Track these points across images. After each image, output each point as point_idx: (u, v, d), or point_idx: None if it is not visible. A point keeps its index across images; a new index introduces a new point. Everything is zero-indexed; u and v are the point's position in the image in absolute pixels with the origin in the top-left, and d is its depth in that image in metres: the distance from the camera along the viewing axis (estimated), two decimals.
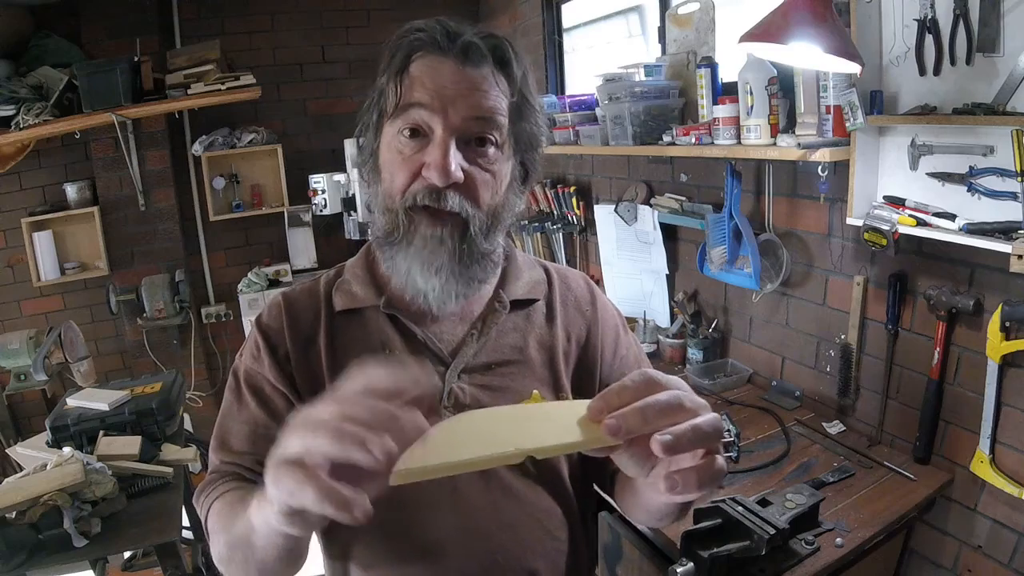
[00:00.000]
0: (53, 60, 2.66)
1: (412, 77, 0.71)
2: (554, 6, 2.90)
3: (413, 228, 0.73)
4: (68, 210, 2.83)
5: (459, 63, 0.70)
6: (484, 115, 0.71)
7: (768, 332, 1.95)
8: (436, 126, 0.70)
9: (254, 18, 3.10)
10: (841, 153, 1.45)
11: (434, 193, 0.71)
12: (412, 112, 0.70)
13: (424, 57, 0.71)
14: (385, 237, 0.77)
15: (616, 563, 1.48)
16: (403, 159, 0.72)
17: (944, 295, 1.39)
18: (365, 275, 0.85)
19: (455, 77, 0.70)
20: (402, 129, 0.71)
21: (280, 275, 3.06)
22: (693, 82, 1.93)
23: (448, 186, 0.70)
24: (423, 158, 0.71)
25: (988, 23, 1.20)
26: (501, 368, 0.82)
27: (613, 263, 2.50)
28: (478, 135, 0.72)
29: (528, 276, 0.88)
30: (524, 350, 0.84)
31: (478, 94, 0.71)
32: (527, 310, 0.86)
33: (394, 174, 0.73)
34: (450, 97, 0.70)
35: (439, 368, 0.80)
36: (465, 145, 0.71)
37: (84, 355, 2.57)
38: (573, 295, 0.91)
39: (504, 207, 0.78)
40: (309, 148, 3.24)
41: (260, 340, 0.82)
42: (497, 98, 0.72)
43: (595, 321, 0.90)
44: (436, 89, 0.70)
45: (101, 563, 1.94)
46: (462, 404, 0.78)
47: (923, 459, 1.49)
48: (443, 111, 0.69)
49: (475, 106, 0.70)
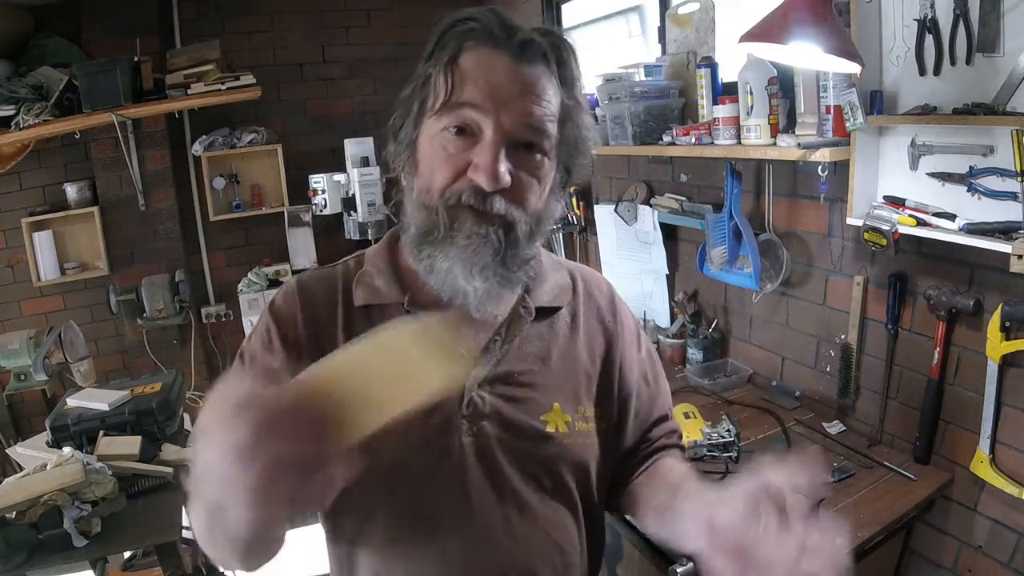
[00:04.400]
0: (53, 60, 2.66)
1: (463, 71, 0.68)
2: (554, 6, 2.90)
3: (456, 227, 0.70)
4: (68, 210, 2.83)
5: (514, 59, 0.68)
6: (535, 124, 0.69)
7: (768, 332, 1.95)
8: (487, 128, 0.67)
9: (254, 18, 3.09)
10: (841, 153, 1.45)
11: (480, 195, 0.69)
12: (463, 111, 0.68)
13: (476, 49, 0.68)
14: (423, 236, 0.73)
15: (616, 563, 1.48)
16: (447, 155, 0.70)
17: (944, 295, 1.39)
18: (388, 268, 0.81)
19: (509, 76, 0.67)
20: (449, 126, 0.69)
21: (280, 275, 3.05)
22: (693, 82, 1.93)
23: (495, 189, 0.68)
24: (469, 157, 0.68)
25: (988, 23, 1.20)
26: (523, 378, 0.79)
27: (613, 263, 2.50)
28: (528, 140, 0.70)
29: (553, 280, 0.86)
30: (547, 360, 0.81)
31: (531, 98, 0.68)
32: (551, 318, 0.84)
33: (435, 170, 0.70)
34: (503, 99, 0.67)
35: None
36: (513, 148, 0.69)
37: (84, 355, 2.57)
38: (595, 304, 0.89)
39: (546, 212, 0.75)
40: (309, 148, 3.24)
41: (272, 327, 0.78)
42: (549, 103, 0.70)
43: (616, 334, 0.88)
44: (489, 88, 0.67)
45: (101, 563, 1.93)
46: (481, 413, 0.76)
47: (923, 459, 1.49)
48: (495, 113, 0.67)
49: (528, 112, 0.68)
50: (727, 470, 1.49)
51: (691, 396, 1.91)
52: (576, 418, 0.81)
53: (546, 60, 0.69)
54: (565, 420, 0.80)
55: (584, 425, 0.82)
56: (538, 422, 0.79)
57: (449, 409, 0.76)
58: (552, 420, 0.79)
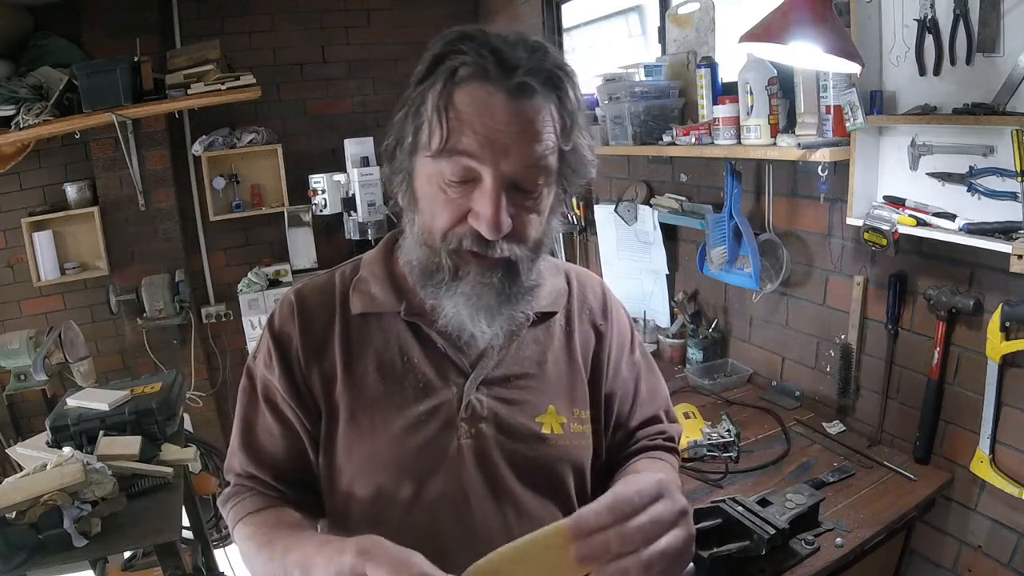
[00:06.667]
0: (53, 60, 2.66)
1: (459, 113, 0.65)
2: (554, 6, 2.90)
3: (461, 274, 0.71)
4: (68, 210, 2.82)
5: (511, 97, 0.65)
6: (536, 163, 0.67)
7: (768, 332, 1.95)
8: (487, 176, 0.66)
9: (254, 18, 3.09)
10: (841, 153, 1.45)
11: (482, 242, 0.68)
12: (461, 160, 0.66)
13: (471, 85, 0.65)
14: (427, 276, 0.73)
15: None
16: (447, 199, 0.68)
17: (944, 295, 1.39)
18: (384, 275, 0.81)
19: (507, 117, 0.65)
20: (447, 175, 0.67)
21: (280, 275, 3.05)
22: (693, 82, 1.93)
23: (496, 238, 0.68)
24: (469, 203, 0.68)
25: (988, 23, 1.20)
26: (519, 381, 0.81)
27: (613, 263, 2.50)
28: (529, 181, 0.68)
29: (551, 284, 0.86)
30: (543, 364, 0.83)
31: (531, 137, 0.66)
32: (547, 322, 0.85)
33: (436, 213, 0.70)
34: (502, 145, 0.65)
35: (458, 379, 0.79)
36: (514, 187, 0.68)
37: (84, 355, 2.57)
38: (588, 306, 0.90)
39: (547, 235, 0.76)
40: (309, 148, 3.24)
41: (272, 348, 0.80)
42: (549, 136, 0.68)
43: (605, 335, 0.90)
44: (486, 134, 0.65)
45: (101, 563, 1.94)
46: (479, 416, 0.78)
47: (923, 459, 1.49)
48: (494, 162, 0.65)
49: (528, 155, 0.66)
50: (727, 470, 1.49)
51: (691, 396, 1.91)
52: (571, 420, 0.83)
53: (544, 90, 0.67)
54: (560, 422, 0.81)
55: (579, 427, 0.84)
56: (534, 424, 0.80)
57: (448, 412, 0.77)
58: (547, 422, 0.81)
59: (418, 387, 0.78)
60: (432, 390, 0.78)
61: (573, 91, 0.70)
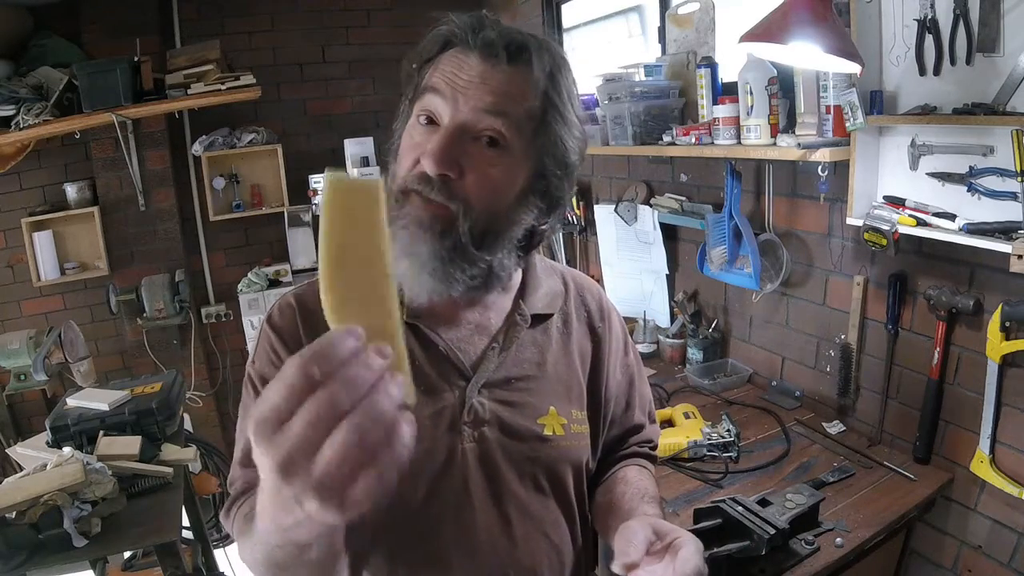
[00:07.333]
0: (53, 60, 2.65)
1: (438, 67, 0.72)
2: (554, 6, 2.90)
3: (402, 213, 0.70)
4: (68, 210, 2.82)
5: (481, 58, 0.70)
6: (490, 108, 0.69)
7: (768, 332, 1.95)
8: (444, 115, 0.70)
9: (254, 18, 3.09)
10: (841, 153, 1.45)
11: (424, 180, 0.69)
12: (427, 97, 0.71)
13: (453, 49, 0.72)
14: None
15: (613, 561, 1.47)
16: (413, 144, 0.72)
17: (944, 295, 1.39)
18: None
19: (474, 69, 0.70)
20: (419, 115, 0.72)
21: (280, 275, 3.05)
22: (693, 82, 1.93)
23: (441, 177, 0.68)
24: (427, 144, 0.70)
25: (988, 23, 1.20)
26: (520, 383, 0.81)
27: (613, 263, 2.50)
28: (486, 131, 0.69)
29: (547, 287, 0.87)
30: (542, 365, 0.84)
31: (488, 88, 0.69)
32: (545, 324, 0.86)
33: (402, 158, 0.73)
34: (462, 87, 0.69)
35: (460, 382, 0.79)
36: (473, 141, 0.70)
37: (84, 355, 2.57)
38: (586, 308, 0.92)
39: (507, 216, 0.73)
40: (309, 148, 3.24)
41: (275, 342, 0.79)
42: (510, 96, 0.70)
43: (603, 337, 0.91)
44: (451, 78, 0.70)
45: (101, 563, 1.94)
46: (482, 419, 0.78)
47: (923, 459, 1.49)
48: (453, 100, 0.69)
49: (482, 99, 0.69)
50: (727, 470, 1.49)
51: (691, 396, 1.92)
52: (571, 421, 0.84)
53: (520, 62, 0.70)
54: (561, 423, 0.82)
55: (578, 427, 0.85)
56: (536, 426, 0.81)
57: (451, 416, 0.77)
58: (549, 423, 0.81)
59: (420, 390, 0.78)
60: (434, 393, 0.78)
61: (541, 65, 0.71)
